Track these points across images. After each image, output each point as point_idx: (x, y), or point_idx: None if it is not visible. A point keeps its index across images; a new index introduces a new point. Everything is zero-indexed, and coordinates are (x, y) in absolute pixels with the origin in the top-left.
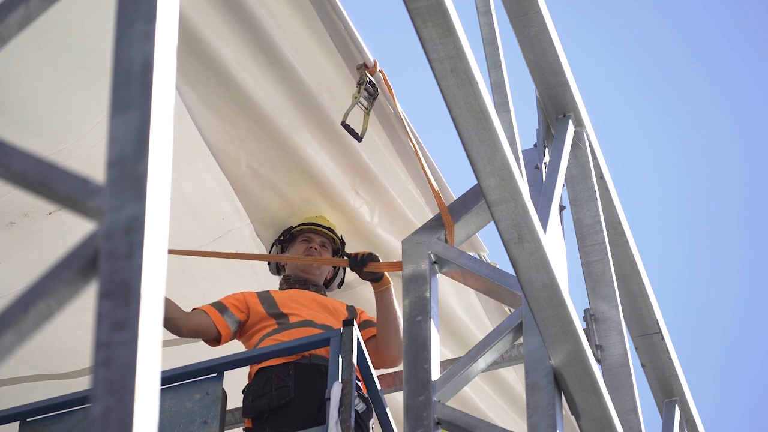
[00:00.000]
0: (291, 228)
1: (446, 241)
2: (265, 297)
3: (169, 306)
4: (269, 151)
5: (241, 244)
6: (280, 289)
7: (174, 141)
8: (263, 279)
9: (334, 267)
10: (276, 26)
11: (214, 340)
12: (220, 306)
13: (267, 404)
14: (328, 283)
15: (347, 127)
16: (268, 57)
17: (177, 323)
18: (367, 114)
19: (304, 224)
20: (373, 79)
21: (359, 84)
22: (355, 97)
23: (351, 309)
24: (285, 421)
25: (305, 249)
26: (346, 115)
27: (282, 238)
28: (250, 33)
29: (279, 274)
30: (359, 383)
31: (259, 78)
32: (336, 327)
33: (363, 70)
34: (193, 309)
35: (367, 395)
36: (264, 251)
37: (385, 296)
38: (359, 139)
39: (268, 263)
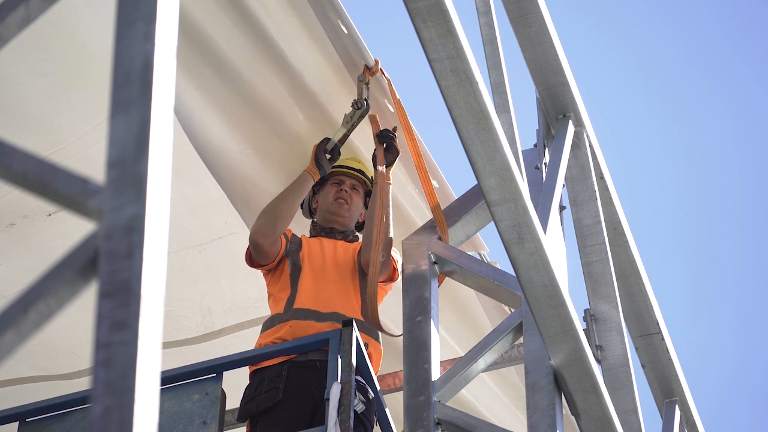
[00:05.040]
0: None
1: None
2: (294, 252)
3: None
4: (268, 160)
5: (243, 247)
6: (310, 235)
7: (176, 147)
8: (262, 281)
9: (367, 208)
10: (278, 29)
11: (265, 261)
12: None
13: (255, 408)
14: (360, 226)
15: (325, 156)
16: (268, 60)
17: (278, 227)
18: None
19: (335, 166)
20: (367, 98)
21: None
22: (347, 122)
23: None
24: (275, 422)
25: (335, 192)
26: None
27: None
28: (250, 38)
29: (311, 217)
30: (362, 382)
31: (258, 86)
32: (344, 302)
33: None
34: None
35: (372, 395)
36: None
37: (385, 188)
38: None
39: (301, 205)
